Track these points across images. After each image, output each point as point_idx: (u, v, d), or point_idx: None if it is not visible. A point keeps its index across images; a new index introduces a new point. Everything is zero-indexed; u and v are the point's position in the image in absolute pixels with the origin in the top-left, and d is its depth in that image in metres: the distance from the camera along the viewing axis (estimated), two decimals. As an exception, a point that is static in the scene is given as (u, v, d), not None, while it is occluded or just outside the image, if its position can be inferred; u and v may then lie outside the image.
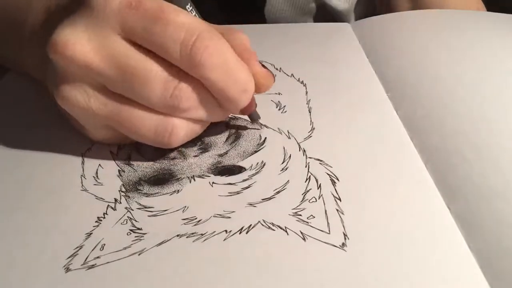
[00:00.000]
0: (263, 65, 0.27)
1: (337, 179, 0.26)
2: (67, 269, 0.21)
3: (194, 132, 0.27)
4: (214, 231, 0.23)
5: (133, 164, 0.28)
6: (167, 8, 0.23)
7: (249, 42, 0.27)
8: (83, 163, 0.28)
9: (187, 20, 0.23)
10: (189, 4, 0.26)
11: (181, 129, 0.26)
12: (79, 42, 0.23)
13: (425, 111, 0.31)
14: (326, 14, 0.53)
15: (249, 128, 0.30)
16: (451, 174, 0.26)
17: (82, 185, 0.26)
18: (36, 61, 0.30)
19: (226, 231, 0.23)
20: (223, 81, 0.24)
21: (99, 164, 0.28)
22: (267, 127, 0.31)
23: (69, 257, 0.22)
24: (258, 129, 0.30)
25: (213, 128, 0.29)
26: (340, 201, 0.25)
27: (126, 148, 0.29)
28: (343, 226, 0.23)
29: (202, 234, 0.23)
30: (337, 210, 0.24)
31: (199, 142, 0.29)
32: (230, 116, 0.31)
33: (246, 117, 0.31)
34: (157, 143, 0.26)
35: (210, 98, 0.25)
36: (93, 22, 0.23)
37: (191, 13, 0.27)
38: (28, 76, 0.34)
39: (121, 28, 0.23)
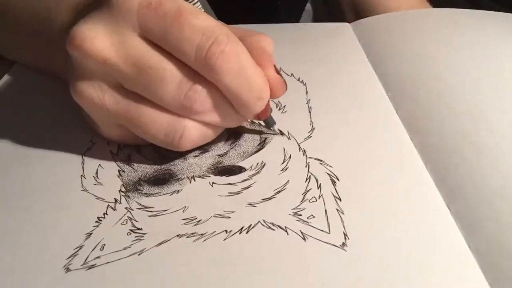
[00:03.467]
0: (277, 71, 0.27)
1: (337, 179, 0.26)
2: (67, 269, 0.21)
3: (207, 136, 0.27)
4: (214, 231, 0.23)
5: (133, 164, 0.28)
6: (185, 10, 0.23)
7: (271, 45, 0.27)
8: (83, 163, 0.28)
9: (205, 23, 0.23)
10: None
11: (193, 131, 0.25)
12: (97, 37, 0.23)
13: (425, 111, 0.31)
14: None
15: (268, 134, 0.30)
16: (451, 174, 0.26)
17: (82, 185, 0.26)
18: (63, 59, 0.30)
19: (226, 231, 0.23)
20: (237, 87, 0.24)
21: (99, 164, 0.28)
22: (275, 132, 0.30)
23: (69, 257, 0.22)
24: (276, 133, 0.30)
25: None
26: (340, 200, 0.25)
27: (126, 148, 0.29)
28: (343, 226, 0.23)
29: (202, 234, 0.23)
30: (337, 210, 0.24)
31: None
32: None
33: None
34: (167, 144, 0.25)
35: (225, 103, 0.25)
36: (113, 19, 0.23)
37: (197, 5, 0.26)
38: (57, 78, 0.34)
39: (140, 27, 0.23)
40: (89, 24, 0.24)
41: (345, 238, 0.23)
